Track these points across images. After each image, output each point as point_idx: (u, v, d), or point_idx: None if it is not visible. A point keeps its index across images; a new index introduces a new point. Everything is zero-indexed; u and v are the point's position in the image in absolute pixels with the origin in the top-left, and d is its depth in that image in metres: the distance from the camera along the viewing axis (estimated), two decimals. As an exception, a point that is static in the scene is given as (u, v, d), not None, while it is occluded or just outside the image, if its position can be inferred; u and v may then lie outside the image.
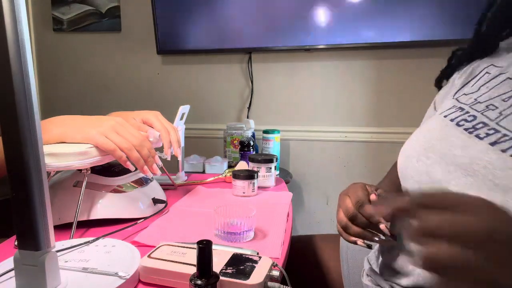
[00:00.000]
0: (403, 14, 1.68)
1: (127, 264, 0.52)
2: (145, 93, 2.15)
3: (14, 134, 0.40)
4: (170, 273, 0.50)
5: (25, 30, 0.39)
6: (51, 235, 0.44)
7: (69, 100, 2.27)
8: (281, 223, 0.75)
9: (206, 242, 0.44)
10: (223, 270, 0.50)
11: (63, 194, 0.72)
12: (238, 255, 0.55)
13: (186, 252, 0.55)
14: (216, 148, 2.02)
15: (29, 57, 0.40)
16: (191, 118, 1.31)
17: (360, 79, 1.85)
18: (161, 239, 0.66)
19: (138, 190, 0.78)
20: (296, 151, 1.99)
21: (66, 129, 0.70)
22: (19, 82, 0.39)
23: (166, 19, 1.96)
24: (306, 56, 1.91)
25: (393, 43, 1.71)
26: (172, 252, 0.55)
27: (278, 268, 0.53)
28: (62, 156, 0.64)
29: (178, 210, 0.82)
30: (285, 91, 1.98)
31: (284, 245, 0.66)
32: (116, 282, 0.47)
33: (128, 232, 0.70)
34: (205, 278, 0.44)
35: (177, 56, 2.08)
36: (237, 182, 0.94)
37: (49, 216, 0.43)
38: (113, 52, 2.16)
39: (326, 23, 1.81)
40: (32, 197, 0.42)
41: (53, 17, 2.17)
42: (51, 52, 2.24)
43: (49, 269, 0.44)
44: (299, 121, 1.97)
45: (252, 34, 1.89)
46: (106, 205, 0.73)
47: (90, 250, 0.57)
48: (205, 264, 0.44)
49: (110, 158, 0.71)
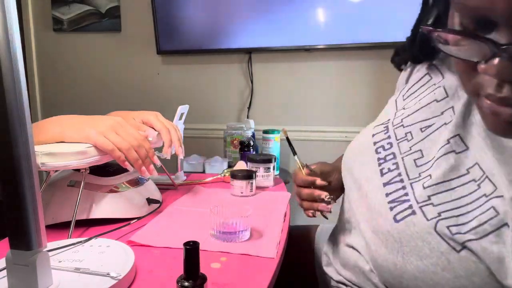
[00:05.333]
0: (403, 14, 1.67)
1: (121, 265, 0.51)
2: (145, 93, 2.15)
3: (4, 134, 0.40)
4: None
5: (15, 28, 0.38)
6: (43, 235, 0.44)
7: (69, 100, 2.27)
8: (278, 223, 0.74)
9: (193, 243, 0.43)
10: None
11: (58, 194, 0.72)
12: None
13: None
14: (216, 148, 2.02)
15: (19, 55, 0.39)
16: (191, 118, 1.31)
17: (360, 79, 1.84)
18: (157, 239, 0.65)
19: (133, 190, 0.78)
20: (296, 151, 1.98)
21: (64, 128, 0.70)
22: (9, 82, 0.39)
23: (166, 19, 1.96)
24: (306, 56, 1.91)
25: (393, 43, 1.70)
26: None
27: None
28: (61, 156, 0.64)
29: (175, 210, 0.82)
30: (285, 91, 1.97)
31: (280, 245, 0.65)
32: (108, 282, 0.46)
33: (123, 232, 0.69)
34: (192, 280, 0.44)
35: (177, 56, 2.08)
36: (235, 182, 0.93)
37: (40, 216, 0.43)
38: (113, 52, 2.16)
39: (326, 23, 1.80)
40: (24, 197, 0.41)
41: (53, 17, 2.17)
42: (51, 52, 2.24)
43: (41, 269, 0.43)
44: (299, 121, 1.96)
45: (252, 34, 1.89)
46: (101, 205, 0.72)
47: (85, 250, 0.57)
48: (192, 266, 0.44)
49: (108, 158, 0.71)
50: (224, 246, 0.63)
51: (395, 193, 0.52)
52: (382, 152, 0.58)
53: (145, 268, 0.56)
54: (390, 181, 0.54)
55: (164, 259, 0.59)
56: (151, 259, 0.59)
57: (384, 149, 0.58)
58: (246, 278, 0.54)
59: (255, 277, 0.54)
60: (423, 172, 0.52)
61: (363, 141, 0.64)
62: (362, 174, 0.59)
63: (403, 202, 0.50)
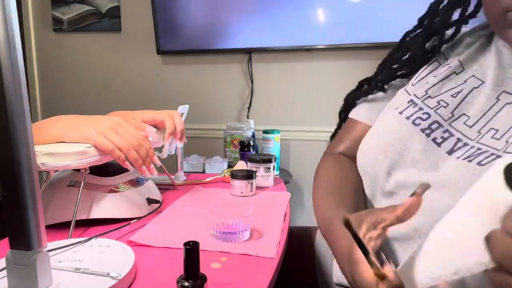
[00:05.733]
0: (403, 14, 1.67)
1: (121, 265, 0.51)
2: (145, 93, 2.15)
3: (4, 134, 0.40)
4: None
5: (15, 28, 0.38)
6: (43, 235, 0.44)
7: (69, 100, 2.27)
8: (278, 223, 0.74)
9: (193, 243, 0.43)
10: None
11: (58, 194, 0.72)
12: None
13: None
14: (216, 148, 2.02)
15: (19, 55, 0.39)
16: (191, 118, 1.31)
17: (360, 79, 1.84)
18: (157, 239, 0.65)
19: (133, 190, 0.78)
20: (296, 151, 1.99)
21: (64, 128, 0.70)
22: (9, 81, 0.39)
23: (166, 19, 1.96)
24: (306, 56, 1.91)
25: (393, 43, 1.70)
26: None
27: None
28: (61, 156, 0.64)
29: (175, 210, 0.82)
30: (285, 91, 1.97)
31: (280, 245, 0.65)
32: (107, 282, 0.46)
33: (123, 232, 0.69)
34: (192, 280, 0.44)
35: (177, 56, 2.08)
36: (235, 182, 0.93)
37: (41, 216, 0.43)
38: (113, 52, 2.16)
39: (326, 23, 1.80)
40: (24, 197, 0.41)
41: (53, 17, 2.17)
42: (51, 52, 2.24)
43: (41, 269, 0.43)
44: (299, 121, 1.96)
45: (252, 34, 1.89)
46: (101, 205, 0.72)
47: (85, 250, 0.57)
48: (192, 266, 0.44)
49: (108, 158, 0.71)
50: (224, 246, 0.63)
51: (466, 153, 0.50)
52: (422, 123, 0.55)
53: (145, 268, 0.56)
54: (454, 147, 0.52)
55: (164, 259, 0.59)
56: (151, 259, 0.59)
57: (423, 120, 0.56)
58: (246, 278, 0.54)
59: (255, 277, 0.54)
60: (481, 129, 0.52)
61: (387, 122, 0.60)
62: (411, 149, 0.54)
63: (481, 153, 0.48)
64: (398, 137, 0.56)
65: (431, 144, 0.53)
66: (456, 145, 0.52)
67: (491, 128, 0.51)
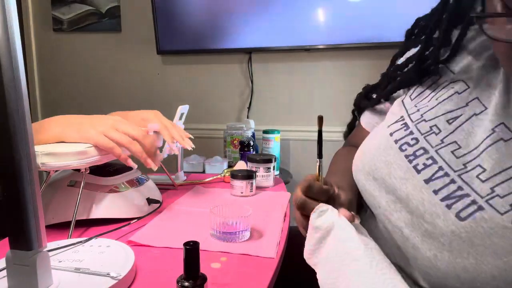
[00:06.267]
0: (403, 14, 1.67)
1: (121, 265, 0.51)
2: (145, 93, 2.15)
3: (4, 133, 0.40)
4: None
5: (15, 28, 0.38)
6: (43, 235, 0.44)
7: (69, 100, 2.27)
8: (278, 223, 0.74)
9: (193, 243, 0.43)
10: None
11: (58, 194, 0.72)
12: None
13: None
14: (216, 148, 2.02)
15: (19, 55, 0.39)
16: (191, 118, 1.31)
17: (360, 79, 1.82)
18: (157, 239, 0.65)
19: (133, 190, 0.78)
20: (296, 151, 1.99)
21: (65, 128, 0.69)
22: (9, 81, 0.39)
23: (166, 19, 1.96)
24: (306, 56, 1.91)
25: (393, 43, 1.70)
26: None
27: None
28: (61, 156, 0.64)
29: (175, 210, 0.82)
30: (285, 91, 1.97)
31: (280, 245, 0.65)
32: (108, 282, 0.46)
33: (123, 232, 0.69)
34: (192, 280, 0.44)
35: (177, 56, 2.08)
36: (235, 182, 0.93)
37: (41, 216, 0.43)
38: (113, 52, 2.16)
39: (326, 23, 1.80)
40: (24, 197, 0.41)
41: (53, 17, 2.17)
42: (51, 52, 2.24)
43: (41, 269, 0.43)
44: (299, 121, 1.96)
45: (252, 34, 1.89)
46: (101, 205, 0.72)
47: (85, 250, 0.57)
48: (192, 266, 0.44)
49: (108, 158, 0.71)
50: (224, 246, 0.63)
51: (445, 189, 0.48)
52: (408, 149, 0.54)
53: (145, 268, 0.56)
54: (432, 177, 0.50)
55: (164, 259, 0.59)
56: (151, 259, 0.59)
57: (410, 145, 0.54)
58: (246, 278, 0.54)
59: (255, 277, 0.54)
60: (468, 163, 0.49)
61: (378, 142, 0.59)
62: (393, 175, 0.54)
63: (462, 197, 0.46)
64: (384, 160, 0.56)
65: (412, 171, 0.52)
66: (435, 174, 0.50)
67: (479, 165, 0.48)
